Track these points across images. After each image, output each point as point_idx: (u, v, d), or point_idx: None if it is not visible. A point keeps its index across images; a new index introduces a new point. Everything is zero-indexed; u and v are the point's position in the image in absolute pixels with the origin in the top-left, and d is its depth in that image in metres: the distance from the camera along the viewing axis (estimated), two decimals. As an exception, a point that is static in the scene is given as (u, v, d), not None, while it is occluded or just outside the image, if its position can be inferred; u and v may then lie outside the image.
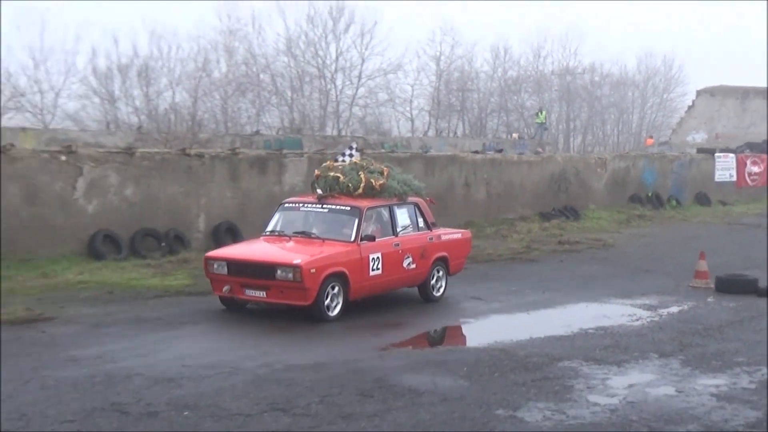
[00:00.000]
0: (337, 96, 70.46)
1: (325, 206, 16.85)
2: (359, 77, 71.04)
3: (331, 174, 17.33)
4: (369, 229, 16.81)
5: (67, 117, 58.81)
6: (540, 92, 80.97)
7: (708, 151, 52.30)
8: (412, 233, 18.13)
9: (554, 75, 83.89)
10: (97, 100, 62.70)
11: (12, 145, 24.09)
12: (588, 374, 12.71)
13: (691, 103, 74.40)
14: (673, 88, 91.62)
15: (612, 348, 14.43)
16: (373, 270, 16.50)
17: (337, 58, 70.95)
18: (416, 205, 18.59)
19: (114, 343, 14.32)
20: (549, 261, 26.00)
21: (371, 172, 17.59)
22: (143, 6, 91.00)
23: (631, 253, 28.02)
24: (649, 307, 18.43)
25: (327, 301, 15.49)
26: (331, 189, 17.13)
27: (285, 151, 31.79)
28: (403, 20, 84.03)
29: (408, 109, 76.71)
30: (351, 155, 29.26)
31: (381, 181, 17.37)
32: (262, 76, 68.04)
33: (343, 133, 58.48)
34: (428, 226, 18.82)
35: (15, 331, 15.08)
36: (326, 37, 70.87)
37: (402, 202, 18.09)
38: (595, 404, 11.24)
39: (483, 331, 16.64)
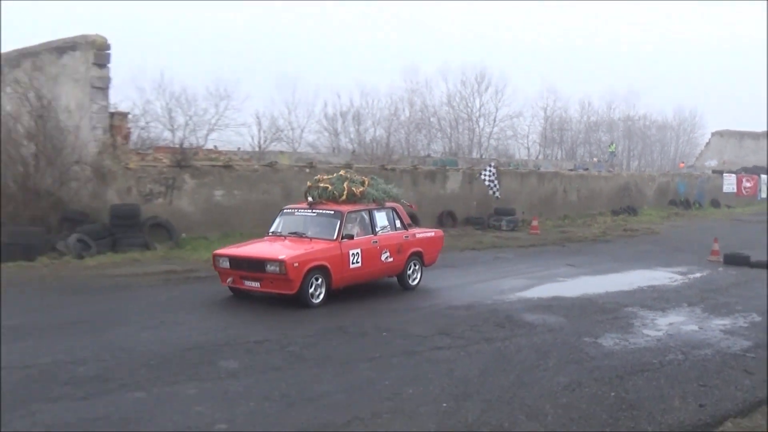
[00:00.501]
0: (479, 132, 70.22)
1: (314, 211, 14.27)
2: (494, 120, 70.72)
3: (321, 185, 14.68)
4: (351, 229, 13.93)
5: (308, 144, 59.89)
6: (611, 131, 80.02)
7: (718, 172, 52.54)
8: (389, 232, 14.87)
9: (620, 120, 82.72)
10: (326, 134, 63.94)
11: (275, 162, 24.93)
12: (643, 316, 12.49)
13: (707, 141, 72.86)
14: (696, 130, 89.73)
15: (658, 299, 14.10)
16: (353, 263, 13.63)
17: (480, 107, 70.83)
18: (394, 209, 15.34)
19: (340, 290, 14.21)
20: (617, 242, 25.34)
21: (353, 182, 14.80)
22: (356, 71, 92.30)
23: (671, 238, 27.06)
24: (681, 273, 17.83)
25: (311, 290, 12.71)
26: (320, 196, 14.53)
27: (447, 168, 31.81)
28: (523, 82, 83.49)
29: (525, 141, 76.40)
30: (491, 171, 29.57)
31: (361, 189, 14.64)
32: (432, 119, 68.44)
33: (483, 156, 58.24)
34: (404, 226, 15.37)
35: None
36: (473, 94, 70.86)
37: (381, 206, 14.93)
38: (647, 335, 11.10)
39: (575, 286, 15.73)
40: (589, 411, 7.61)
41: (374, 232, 14.41)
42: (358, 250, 13.70)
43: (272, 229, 14.34)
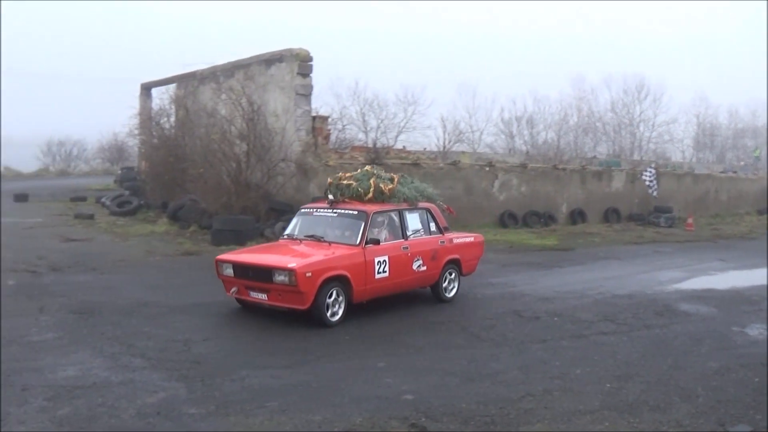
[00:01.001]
0: (639, 136, 68.35)
1: (335, 211, 11.34)
2: (652, 126, 68.50)
3: (344, 182, 11.71)
4: (378, 233, 11.01)
5: (486, 145, 59.67)
6: (755, 138, 76.05)
7: None
8: (423, 237, 11.75)
9: (763, 127, 78.69)
10: (503, 136, 63.52)
11: (458, 161, 25.03)
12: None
13: None
14: None
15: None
16: (379, 273, 10.69)
17: (640, 113, 68.88)
18: (428, 210, 12.19)
19: (513, 276, 14.39)
20: (762, 239, 23.67)
21: (381, 179, 11.85)
22: (529, 80, 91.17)
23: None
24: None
25: (328, 304, 9.87)
26: (343, 194, 11.52)
27: (611, 168, 31.19)
28: (677, 90, 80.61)
29: (680, 145, 73.82)
30: (651, 172, 28.86)
31: (390, 186, 11.65)
32: (597, 124, 66.99)
33: (644, 158, 56.37)
34: (440, 230, 12.19)
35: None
36: (633, 101, 69.05)
37: (413, 207, 11.85)
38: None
39: (725, 279, 14.79)
40: (736, 394, 7.35)
41: (405, 237, 11.40)
42: (386, 258, 10.77)
43: (287, 232, 11.60)
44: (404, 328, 9.79)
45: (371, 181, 11.47)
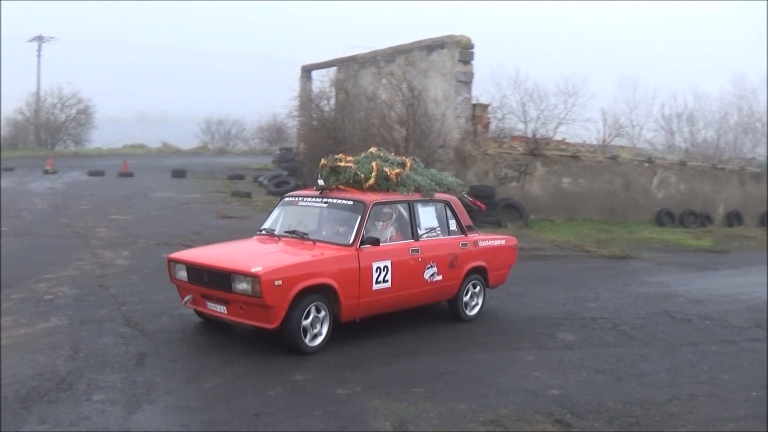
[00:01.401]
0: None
1: (326, 200, 8.42)
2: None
3: (341, 164, 8.61)
4: (379, 230, 8.26)
5: (646, 141, 57.20)
6: None
7: None
8: (439, 237, 8.86)
9: None
10: (662, 132, 60.53)
11: (618, 155, 24.26)
12: None
13: None
14: None
15: None
16: (378, 282, 7.88)
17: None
18: (447, 203, 9.16)
19: (667, 276, 13.74)
20: None
21: (388, 162, 8.84)
22: (690, 75, 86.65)
23: None
24: None
25: (306, 324, 7.18)
26: (337, 179, 8.54)
27: (771, 171, 29.12)
28: None
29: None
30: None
31: (397, 171, 8.62)
32: (757, 125, 62.57)
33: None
34: (462, 229, 9.24)
35: (613, 263, 14.95)
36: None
37: (428, 199, 8.85)
38: None
39: None
40: None
41: (415, 236, 8.48)
42: (388, 263, 7.90)
43: (265, 226, 8.64)
44: (555, 323, 9.44)
45: (373, 164, 8.50)
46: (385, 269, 7.90)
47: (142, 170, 30.05)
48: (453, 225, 9.08)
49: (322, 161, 8.70)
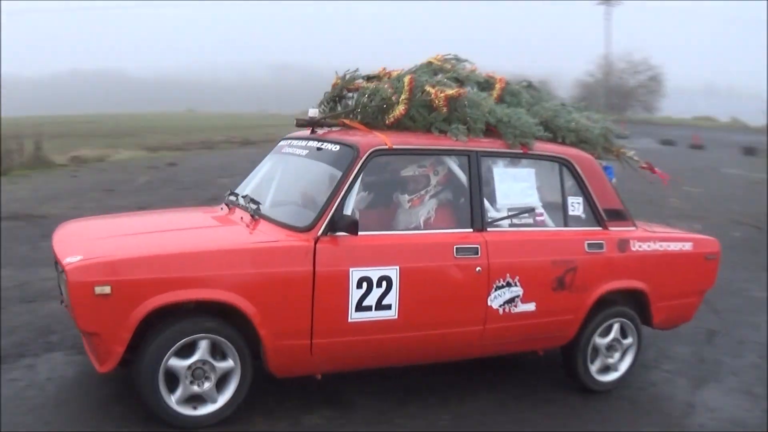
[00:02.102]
0: None
1: (310, 144, 4.43)
2: None
3: (366, 85, 4.61)
4: (406, 206, 4.30)
5: None
6: None
7: None
8: (538, 228, 4.56)
9: None
10: None
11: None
12: None
13: None
14: None
15: None
16: (362, 308, 3.89)
17: None
18: (567, 164, 4.69)
19: None
20: None
21: (440, 84, 4.49)
22: None
23: None
24: None
25: (183, 369, 3.72)
26: (355, 110, 4.55)
27: None
28: None
29: None
30: None
31: (448, 93, 4.25)
32: None
33: None
34: (597, 216, 4.75)
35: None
36: None
37: (515, 152, 4.50)
38: None
39: None
40: None
41: (478, 223, 4.41)
42: (392, 272, 4.02)
43: (238, 188, 4.97)
44: None
45: (406, 78, 4.54)
46: (385, 284, 4.09)
47: (712, 144, 29.69)
48: (578, 207, 4.87)
49: (336, 78, 4.97)
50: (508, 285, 4.44)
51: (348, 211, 4.03)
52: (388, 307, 4.09)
